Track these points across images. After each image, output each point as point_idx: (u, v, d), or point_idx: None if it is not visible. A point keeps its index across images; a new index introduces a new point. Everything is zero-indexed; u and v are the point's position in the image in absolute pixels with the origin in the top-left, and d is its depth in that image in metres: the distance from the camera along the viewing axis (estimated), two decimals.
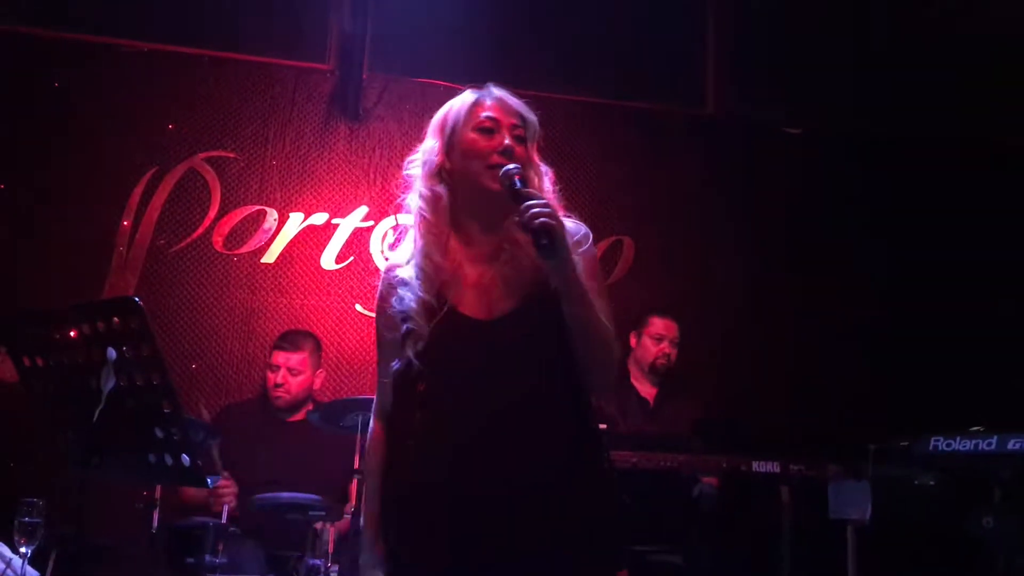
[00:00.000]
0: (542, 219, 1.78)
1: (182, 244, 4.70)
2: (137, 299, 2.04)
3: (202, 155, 4.77)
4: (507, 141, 1.94)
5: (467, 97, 2.05)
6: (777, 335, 4.99)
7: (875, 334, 5.01)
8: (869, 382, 4.93)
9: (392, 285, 1.98)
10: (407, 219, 5.09)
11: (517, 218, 1.84)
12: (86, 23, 4.74)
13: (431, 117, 5.29)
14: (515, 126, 1.99)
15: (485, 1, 5.16)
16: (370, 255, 4.89)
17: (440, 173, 2.00)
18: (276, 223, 4.80)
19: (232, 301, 4.73)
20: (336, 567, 3.42)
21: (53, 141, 4.60)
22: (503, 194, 1.90)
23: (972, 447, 3.52)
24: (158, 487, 3.25)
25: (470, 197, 1.97)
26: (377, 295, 2.05)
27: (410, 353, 1.88)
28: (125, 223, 4.63)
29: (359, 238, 4.89)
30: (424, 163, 2.03)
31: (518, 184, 1.87)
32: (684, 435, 4.00)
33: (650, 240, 5.12)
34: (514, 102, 2.03)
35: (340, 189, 4.91)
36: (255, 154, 4.84)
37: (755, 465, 3.97)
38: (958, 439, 3.56)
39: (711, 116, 5.50)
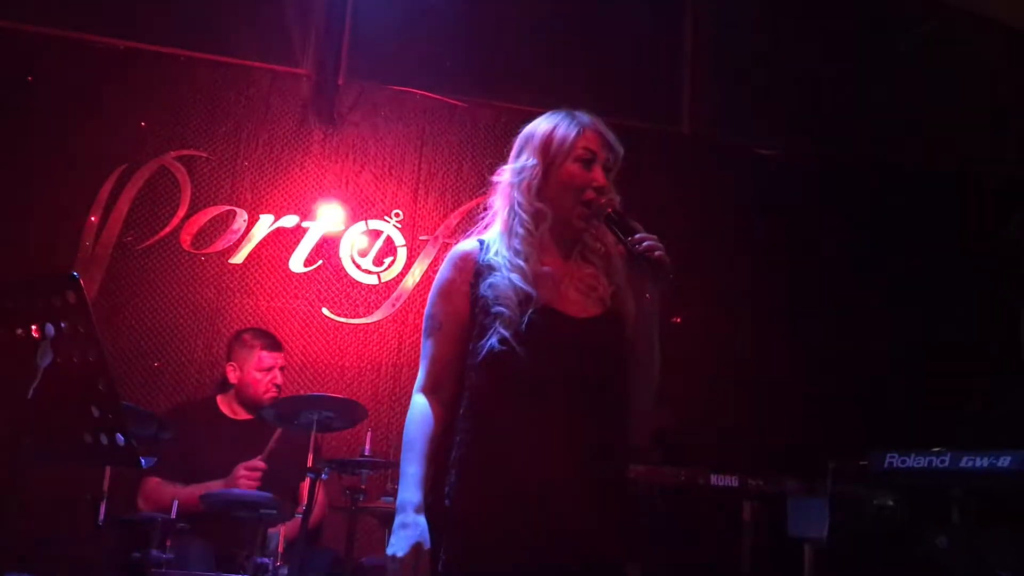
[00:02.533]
0: (660, 252, 2.00)
1: (149, 241, 4.68)
2: (75, 274, 2.02)
3: (174, 153, 4.77)
4: (602, 178, 2.12)
5: (568, 125, 2.17)
6: (739, 352, 4.99)
7: (838, 353, 5.03)
8: (831, 400, 4.93)
9: (479, 267, 2.11)
10: (377, 224, 5.06)
11: (627, 247, 2.04)
12: (62, 18, 4.74)
13: (406, 124, 5.33)
14: (607, 160, 2.15)
15: (464, 12, 5.20)
16: (339, 259, 4.88)
17: (539, 193, 2.14)
18: (246, 224, 4.79)
19: (198, 300, 4.70)
20: (285, 567, 3.39)
21: (23, 134, 4.59)
22: (583, 226, 2.13)
23: (926, 464, 3.54)
24: (106, 478, 3.21)
25: (555, 219, 2.13)
26: (447, 273, 2.16)
27: (506, 333, 2.00)
28: (92, 218, 4.61)
29: (329, 242, 4.89)
30: (522, 179, 2.16)
31: (618, 216, 2.08)
32: (642, 446, 3.99)
33: None
34: (607, 134, 2.18)
35: (311, 192, 4.91)
36: (227, 154, 4.84)
37: (713, 479, 3.97)
38: (913, 456, 3.59)
39: (686, 135, 5.55)
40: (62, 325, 2.09)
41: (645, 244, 2.01)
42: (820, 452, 4.03)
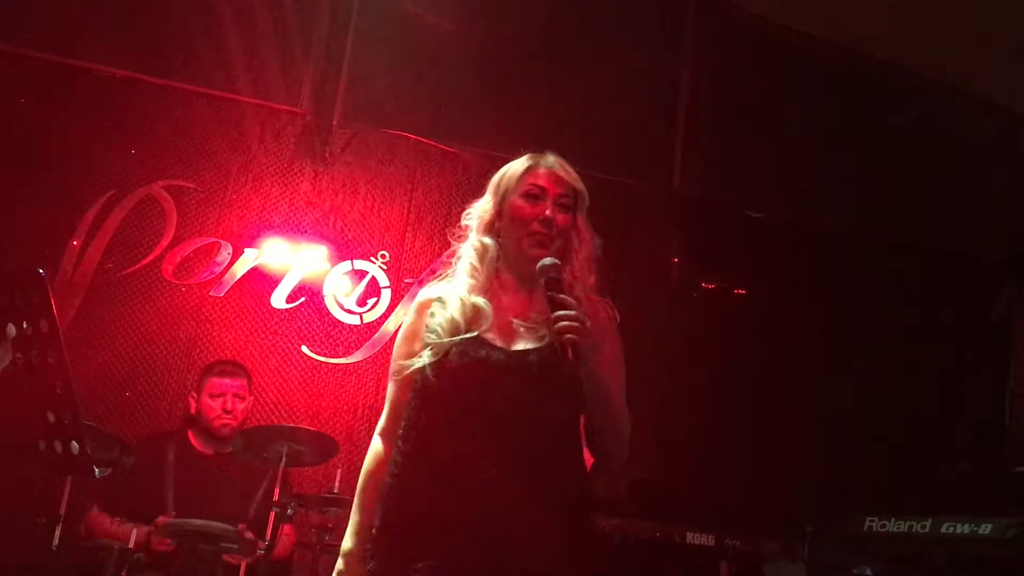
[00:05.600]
0: (569, 335, 1.94)
1: (131, 269, 4.63)
2: (40, 270, 1.97)
3: (162, 183, 4.74)
4: (547, 212, 2.11)
5: (522, 163, 2.21)
6: (722, 410, 4.93)
7: (822, 415, 4.98)
8: (812, 461, 4.87)
9: (427, 302, 2.16)
10: (363, 265, 5.02)
11: (550, 320, 2.00)
12: (60, 44, 4.74)
13: (397, 167, 5.34)
14: (562, 195, 2.15)
15: (461, 61, 5.25)
16: (322, 298, 4.84)
17: (490, 229, 2.18)
18: (230, 257, 4.75)
19: (176, 331, 4.63)
20: None
21: (12, 155, 4.55)
22: (537, 257, 2.08)
23: (906, 528, 3.46)
24: (63, 501, 3.11)
25: (510, 255, 2.16)
26: (409, 318, 2.20)
27: (426, 360, 2.05)
28: (74, 243, 4.57)
29: (313, 280, 4.84)
30: (477, 217, 2.21)
31: (551, 286, 2.03)
32: (617, 498, 3.90)
33: None
34: (564, 173, 2.19)
35: (298, 229, 4.89)
36: (216, 187, 4.82)
37: (690, 536, 3.88)
38: (892, 520, 3.51)
39: (677, 193, 5.57)
40: (24, 324, 2.03)
41: (559, 326, 1.96)
42: (799, 514, 3.96)
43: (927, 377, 5.15)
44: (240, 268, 4.76)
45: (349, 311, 4.86)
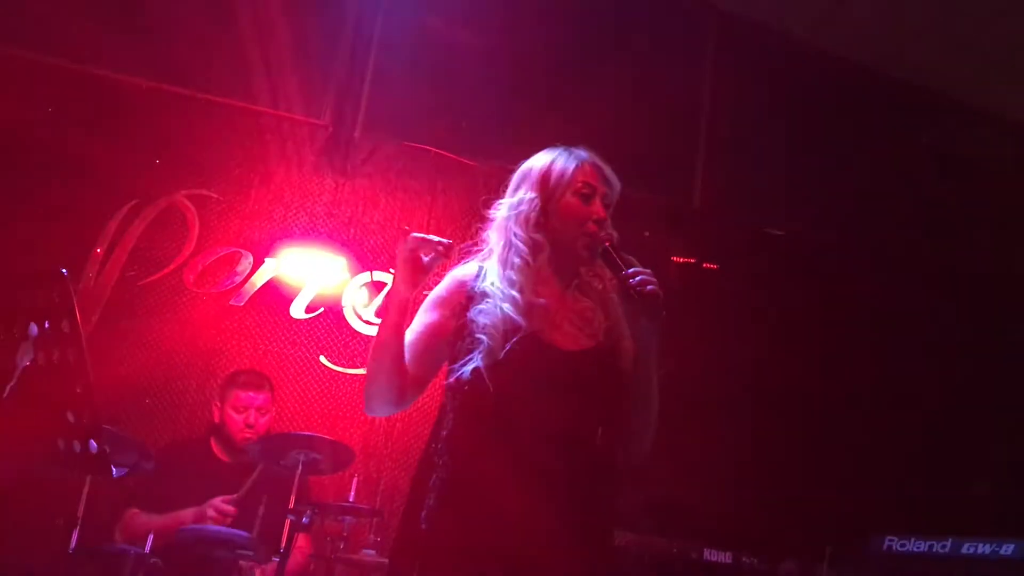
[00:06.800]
0: (653, 286, 1.99)
1: (153, 277, 4.66)
2: (64, 270, 1.98)
3: (185, 192, 4.78)
4: (602, 212, 2.13)
5: (567, 160, 2.19)
6: (741, 427, 4.90)
7: (842, 432, 4.94)
8: (833, 480, 4.82)
9: (472, 292, 2.10)
10: (382, 276, 5.02)
11: (621, 281, 2.02)
12: (87, 53, 4.79)
13: (417, 179, 5.33)
14: (606, 194, 2.18)
15: (482, 76, 5.29)
16: (341, 308, 4.85)
17: (539, 226, 2.13)
18: (250, 267, 4.78)
19: (196, 340, 4.65)
20: None
21: (39, 164, 4.60)
22: (586, 258, 2.12)
23: (926, 549, 3.42)
24: (81, 503, 3.12)
25: (556, 251, 2.13)
26: (441, 291, 2.18)
27: (480, 364, 1.98)
28: (98, 251, 4.61)
29: (332, 291, 4.86)
30: (519, 212, 2.15)
31: (614, 250, 2.08)
32: (632, 512, 3.87)
33: None
34: (605, 169, 2.21)
35: (318, 240, 4.90)
36: (238, 197, 4.86)
37: (707, 553, 3.84)
38: (912, 540, 3.48)
39: (697, 210, 5.57)
40: (45, 324, 2.05)
41: (638, 278, 1.99)
42: (819, 534, 3.92)
43: (949, 395, 5.10)
44: (260, 278, 4.79)
45: (368, 322, 4.87)
